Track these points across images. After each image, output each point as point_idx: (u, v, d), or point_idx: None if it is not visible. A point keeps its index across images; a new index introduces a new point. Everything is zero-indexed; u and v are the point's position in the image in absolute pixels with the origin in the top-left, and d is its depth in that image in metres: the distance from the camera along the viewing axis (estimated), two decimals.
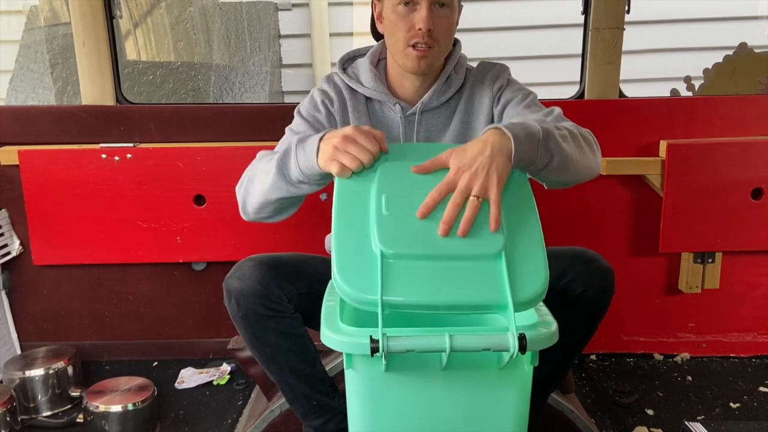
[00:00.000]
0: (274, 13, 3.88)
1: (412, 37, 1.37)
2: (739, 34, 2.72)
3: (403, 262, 1.05)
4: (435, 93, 1.47)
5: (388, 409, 1.10)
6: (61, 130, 2.22)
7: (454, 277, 1.04)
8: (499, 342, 0.99)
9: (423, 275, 1.04)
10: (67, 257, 2.25)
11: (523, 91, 1.48)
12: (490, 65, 1.53)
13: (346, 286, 1.03)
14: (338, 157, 1.17)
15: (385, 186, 1.14)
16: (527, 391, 1.11)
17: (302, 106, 1.53)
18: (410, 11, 1.36)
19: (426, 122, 1.49)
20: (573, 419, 1.67)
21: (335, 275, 1.04)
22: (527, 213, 1.14)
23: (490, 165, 1.12)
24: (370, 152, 1.17)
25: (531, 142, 1.16)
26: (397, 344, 0.98)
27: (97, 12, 2.16)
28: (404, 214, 1.10)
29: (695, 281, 2.28)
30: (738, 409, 2.00)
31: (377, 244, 1.06)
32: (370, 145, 1.17)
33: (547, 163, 1.20)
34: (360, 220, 1.11)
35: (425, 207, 1.10)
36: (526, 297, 1.03)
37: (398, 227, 1.08)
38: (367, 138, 1.18)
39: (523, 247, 1.09)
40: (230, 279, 1.34)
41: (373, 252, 1.06)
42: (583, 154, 1.28)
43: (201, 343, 2.37)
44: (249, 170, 1.40)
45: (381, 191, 1.13)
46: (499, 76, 1.50)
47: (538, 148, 1.17)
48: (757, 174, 2.19)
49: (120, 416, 1.82)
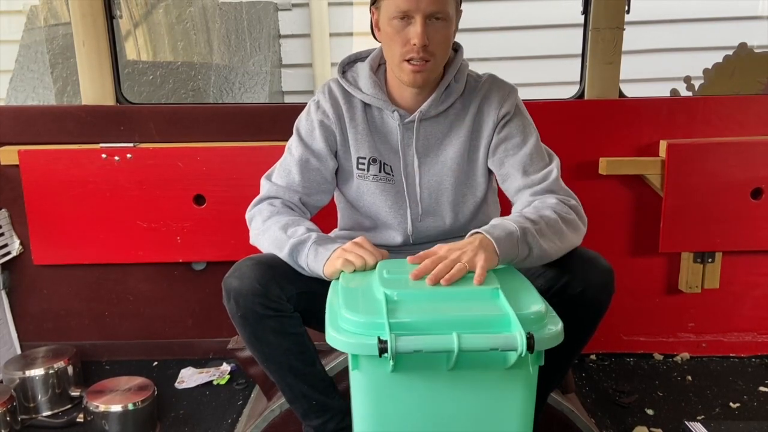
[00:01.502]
0: (274, 13, 3.87)
1: (408, 52, 1.37)
2: (739, 34, 2.72)
3: (407, 299, 1.11)
4: (434, 102, 1.47)
5: (394, 410, 1.10)
6: (61, 130, 2.22)
7: (456, 304, 1.09)
8: (507, 341, 1.00)
9: (426, 303, 1.10)
10: (67, 257, 2.25)
11: (525, 131, 1.48)
12: (500, 83, 1.52)
13: (352, 316, 1.06)
14: (344, 255, 1.29)
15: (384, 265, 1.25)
16: (532, 391, 1.12)
17: (301, 124, 1.54)
18: (405, 25, 1.36)
19: (424, 130, 1.49)
20: (573, 419, 1.67)
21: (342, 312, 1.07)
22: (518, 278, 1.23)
23: (478, 250, 1.21)
24: (374, 256, 1.29)
25: (510, 239, 1.25)
26: (406, 344, 0.99)
27: (97, 12, 2.16)
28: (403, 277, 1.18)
29: (695, 281, 2.28)
30: (738, 409, 2.00)
31: (381, 289, 1.12)
32: (376, 253, 1.30)
33: (527, 255, 1.27)
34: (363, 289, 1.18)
35: (418, 271, 1.18)
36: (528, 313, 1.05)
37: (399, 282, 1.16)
38: (373, 247, 1.31)
39: (518, 290, 1.16)
40: (229, 278, 1.34)
41: (377, 298, 1.11)
42: (563, 238, 1.33)
43: (201, 343, 2.37)
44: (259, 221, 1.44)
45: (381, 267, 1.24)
46: (506, 99, 1.49)
47: (518, 244, 1.25)
48: (757, 174, 2.19)
49: (120, 416, 1.82)
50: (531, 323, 1.03)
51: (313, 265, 1.32)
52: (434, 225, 1.53)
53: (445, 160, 1.50)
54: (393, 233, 1.53)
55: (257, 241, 1.45)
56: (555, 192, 1.42)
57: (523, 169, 1.45)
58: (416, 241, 1.53)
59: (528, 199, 1.42)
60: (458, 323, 1.03)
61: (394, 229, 1.53)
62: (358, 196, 1.53)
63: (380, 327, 1.01)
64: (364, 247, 1.30)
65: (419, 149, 1.49)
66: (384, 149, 1.50)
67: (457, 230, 1.53)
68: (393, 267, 1.23)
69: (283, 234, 1.37)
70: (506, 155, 1.47)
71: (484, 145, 1.50)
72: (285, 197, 1.48)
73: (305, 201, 1.50)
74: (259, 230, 1.44)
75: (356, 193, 1.53)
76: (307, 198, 1.50)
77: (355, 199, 1.54)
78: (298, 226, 1.38)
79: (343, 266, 1.28)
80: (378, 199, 1.51)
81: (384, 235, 1.54)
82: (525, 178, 1.44)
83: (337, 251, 1.30)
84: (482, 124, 1.50)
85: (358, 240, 1.32)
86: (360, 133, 1.50)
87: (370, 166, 1.50)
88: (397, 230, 1.53)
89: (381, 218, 1.53)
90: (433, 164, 1.50)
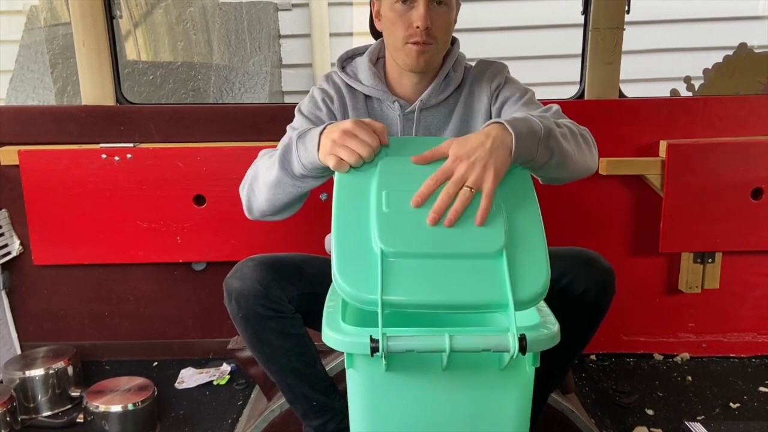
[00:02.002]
0: (274, 13, 3.87)
1: (411, 36, 1.37)
2: (739, 34, 2.72)
3: (404, 261, 1.04)
4: (434, 91, 1.47)
5: (389, 409, 1.10)
6: (61, 130, 2.22)
7: (454, 276, 1.04)
8: (499, 343, 0.99)
9: (423, 274, 1.04)
10: (67, 257, 2.25)
11: (520, 89, 1.48)
12: (488, 63, 1.53)
13: (346, 285, 1.02)
14: (336, 151, 1.16)
15: (386, 182, 1.14)
16: (529, 392, 1.11)
17: (303, 105, 1.53)
18: (408, 9, 1.36)
19: (425, 120, 1.49)
20: (573, 419, 1.67)
21: (335, 274, 1.04)
22: (529, 209, 1.14)
23: (489, 157, 1.11)
24: (369, 146, 1.16)
25: (532, 138, 1.16)
26: (397, 344, 0.98)
27: (97, 12, 2.16)
28: (405, 211, 1.10)
29: (695, 281, 2.28)
30: (738, 409, 2.00)
31: (377, 242, 1.06)
32: (370, 139, 1.16)
33: (546, 161, 1.20)
34: (360, 218, 1.10)
35: (419, 195, 1.10)
36: (527, 296, 1.02)
37: (399, 225, 1.08)
38: (366, 131, 1.17)
39: (524, 246, 1.08)
40: (230, 279, 1.34)
41: (373, 250, 1.05)
42: (582, 152, 1.29)
43: (201, 343, 2.37)
44: (251, 169, 1.40)
45: (381, 187, 1.13)
46: (497, 74, 1.50)
47: (539, 145, 1.17)
48: (757, 174, 2.19)
49: (120, 416, 1.82)
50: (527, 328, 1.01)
51: (308, 158, 1.22)
52: None
53: None
54: None
55: (252, 189, 1.37)
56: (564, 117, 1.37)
57: (527, 108, 1.40)
58: None
59: None
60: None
61: None
62: None
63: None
64: (357, 135, 1.16)
65: None
66: None
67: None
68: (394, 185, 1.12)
69: (268, 160, 1.31)
70: (507, 113, 1.44)
71: (480, 121, 1.47)
72: None
73: None
74: (250, 178, 1.37)
75: None
76: None
77: None
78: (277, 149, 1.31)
79: (337, 167, 1.16)
80: None
81: None
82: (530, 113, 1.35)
83: (327, 145, 1.18)
84: (474, 102, 1.49)
85: (347, 126, 1.17)
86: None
87: None
88: None
89: None
90: None
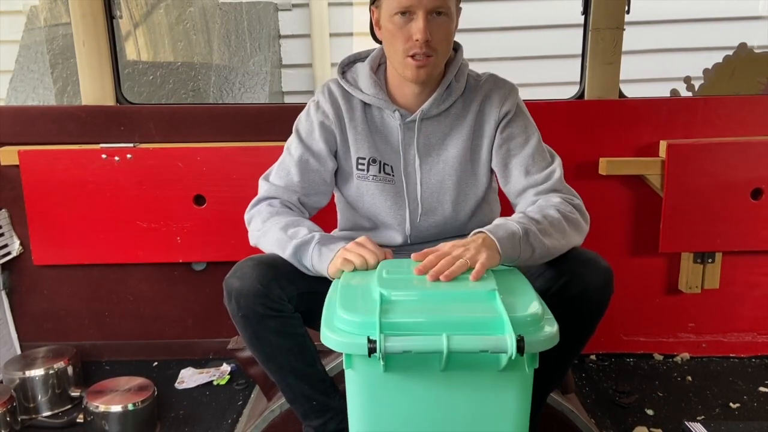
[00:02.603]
0: (274, 13, 3.88)
1: (410, 48, 1.36)
2: (739, 34, 2.72)
3: (402, 298, 1.11)
4: (435, 101, 1.47)
5: (388, 410, 1.10)
6: (61, 130, 2.22)
7: (451, 305, 1.09)
8: (496, 344, 0.99)
9: (421, 304, 1.10)
10: (67, 257, 2.25)
11: (528, 130, 1.49)
12: (501, 82, 1.52)
13: (346, 315, 1.05)
14: (344, 254, 1.29)
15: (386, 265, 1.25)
16: (528, 392, 1.11)
17: (300, 124, 1.54)
18: (407, 21, 1.35)
19: (425, 130, 1.49)
20: (573, 419, 1.67)
21: (337, 311, 1.07)
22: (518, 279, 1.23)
23: (481, 248, 1.22)
24: (375, 255, 1.28)
25: (513, 239, 1.25)
26: (395, 345, 0.99)
27: (97, 12, 2.16)
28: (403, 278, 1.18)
29: (695, 281, 2.28)
30: (738, 409, 2.00)
31: (377, 289, 1.11)
32: (378, 252, 1.29)
33: (530, 256, 1.28)
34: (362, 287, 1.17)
35: (422, 266, 1.19)
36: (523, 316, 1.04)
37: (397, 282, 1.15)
38: (375, 247, 1.31)
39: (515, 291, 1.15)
40: (230, 279, 1.34)
41: (373, 298, 1.11)
42: (566, 237, 1.34)
43: (201, 343, 2.37)
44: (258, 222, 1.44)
45: (382, 266, 1.24)
46: (507, 98, 1.49)
47: (520, 244, 1.26)
48: (757, 174, 2.19)
49: (120, 416, 1.82)
50: (525, 325, 1.02)
51: (318, 265, 1.32)
52: (434, 224, 1.53)
53: (447, 159, 1.50)
54: (393, 233, 1.53)
55: (258, 243, 1.45)
56: (558, 191, 1.42)
57: (526, 170, 1.45)
58: (415, 241, 1.53)
59: (531, 199, 1.42)
60: (450, 324, 1.02)
61: (393, 229, 1.53)
62: (358, 196, 1.53)
63: (372, 327, 1.01)
64: (366, 246, 1.30)
65: (420, 149, 1.49)
66: (384, 149, 1.50)
67: (456, 229, 1.53)
68: (394, 267, 1.23)
69: (284, 234, 1.37)
70: (509, 155, 1.47)
71: (487, 144, 1.50)
72: (283, 197, 1.48)
73: (304, 201, 1.50)
74: (259, 231, 1.43)
75: (356, 194, 1.53)
76: (305, 198, 1.50)
77: (355, 200, 1.54)
78: (299, 227, 1.38)
79: (342, 265, 1.28)
80: (378, 200, 1.51)
81: (384, 235, 1.54)
82: (528, 178, 1.44)
83: (340, 251, 1.30)
84: (484, 123, 1.50)
85: (360, 240, 1.32)
86: (360, 134, 1.49)
87: (369, 166, 1.50)
88: (396, 230, 1.53)
89: (380, 219, 1.53)
90: (435, 163, 1.50)
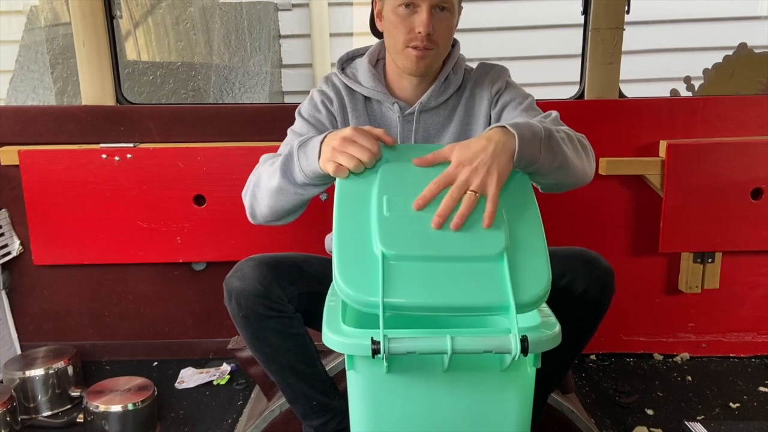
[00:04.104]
0: (274, 13, 3.87)
1: (411, 40, 1.37)
2: (739, 34, 2.72)
3: (405, 264, 1.04)
4: (433, 93, 1.47)
5: (390, 411, 1.10)
6: (61, 130, 2.22)
7: (455, 279, 1.04)
8: (500, 344, 0.99)
9: (424, 277, 1.04)
10: (67, 257, 2.25)
11: (521, 95, 1.48)
12: (490, 66, 1.53)
13: (347, 288, 1.02)
14: (336, 157, 1.17)
15: (386, 186, 1.15)
16: (530, 393, 1.11)
17: (302, 107, 1.54)
18: (411, 13, 1.36)
19: (424, 122, 1.49)
20: (573, 419, 1.67)
21: (336, 277, 1.04)
22: (529, 213, 1.15)
23: (492, 162, 1.12)
24: (369, 151, 1.17)
25: (534, 140, 1.17)
26: (398, 346, 0.98)
27: (97, 12, 2.16)
28: (406, 215, 1.10)
29: (695, 281, 2.28)
30: (738, 409, 2.00)
31: (378, 245, 1.06)
32: (370, 144, 1.17)
33: (548, 163, 1.21)
34: (361, 222, 1.10)
35: (422, 198, 1.11)
36: (529, 299, 1.03)
37: (400, 228, 1.08)
38: (366, 137, 1.18)
39: (525, 249, 1.08)
40: (231, 279, 1.34)
41: (374, 253, 1.05)
42: (580, 157, 1.30)
43: (201, 343, 2.37)
44: (253, 175, 1.40)
45: (382, 192, 1.13)
46: (498, 78, 1.50)
47: (541, 147, 1.18)
48: (757, 174, 2.19)
49: (120, 416, 1.82)
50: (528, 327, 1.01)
51: (310, 167, 1.23)
52: None
53: None
54: None
55: (253, 194, 1.37)
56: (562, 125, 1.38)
57: (527, 114, 1.41)
58: None
59: None
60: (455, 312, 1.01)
61: None
62: None
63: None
64: (357, 141, 1.17)
65: (418, 140, 1.49)
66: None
67: None
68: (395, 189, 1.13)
69: (270, 167, 1.32)
70: (507, 118, 1.44)
71: (483, 124, 1.48)
72: None
73: None
74: (252, 185, 1.38)
75: None
76: None
77: None
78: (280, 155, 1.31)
79: (336, 173, 1.17)
80: None
81: None
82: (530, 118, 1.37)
83: (327, 152, 1.18)
84: (475, 105, 1.49)
85: (347, 134, 1.18)
86: (361, 125, 1.49)
87: None
88: None
89: None
90: None
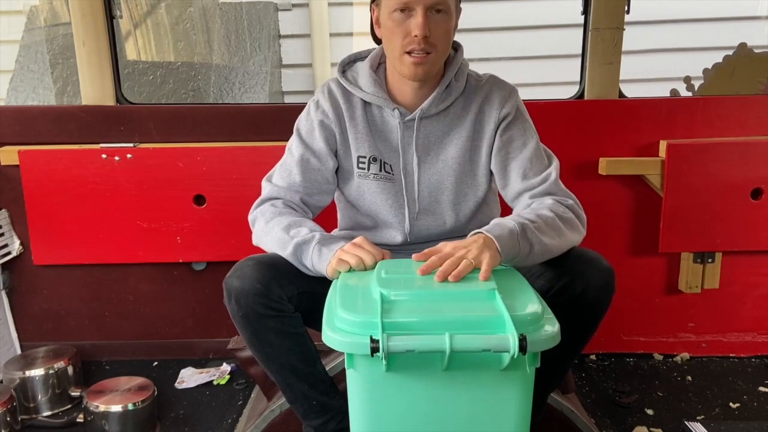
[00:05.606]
0: (274, 13, 3.87)
1: (408, 44, 1.37)
2: (739, 34, 2.72)
3: (402, 299, 1.10)
4: (435, 100, 1.47)
5: (390, 409, 1.10)
6: (61, 130, 2.22)
7: (452, 304, 1.09)
8: (499, 343, 0.99)
9: (422, 305, 1.09)
10: (67, 257, 2.25)
11: (527, 133, 1.49)
12: (501, 84, 1.52)
13: (346, 315, 1.05)
14: (341, 255, 1.29)
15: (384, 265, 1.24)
16: (529, 392, 1.11)
17: (301, 123, 1.55)
18: (406, 17, 1.36)
19: (425, 128, 1.49)
20: (573, 419, 1.67)
21: (338, 312, 1.06)
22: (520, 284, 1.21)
23: (483, 248, 1.22)
24: (372, 256, 1.28)
25: (511, 237, 1.26)
26: (398, 344, 0.99)
27: (97, 12, 2.16)
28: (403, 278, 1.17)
29: (695, 281, 2.28)
30: (738, 409, 2.00)
31: (377, 289, 1.11)
32: (375, 251, 1.29)
33: (528, 252, 1.28)
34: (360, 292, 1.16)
35: (426, 266, 1.19)
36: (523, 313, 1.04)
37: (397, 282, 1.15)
38: (373, 246, 1.30)
39: (515, 292, 1.14)
40: (230, 278, 1.34)
41: (373, 299, 1.10)
42: (562, 235, 1.34)
43: (201, 343, 2.37)
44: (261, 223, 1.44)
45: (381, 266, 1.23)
46: (508, 100, 1.49)
47: (519, 241, 1.26)
48: (757, 174, 2.19)
49: (120, 416, 1.82)
50: (526, 324, 1.02)
51: (318, 265, 1.32)
52: (434, 224, 1.53)
53: (446, 159, 1.50)
54: (393, 232, 1.53)
55: (261, 242, 1.45)
56: (553, 194, 1.43)
57: (523, 174, 1.46)
58: (414, 240, 1.53)
59: (527, 202, 1.43)
60: (452, 323, 1.02)
61: (394, 228, 1.53)
62: (359, 195, 1.53)
63: (374, 326, 1.01)
64: (363, 246, 1.30)
65: (419, 147, 1.49)
66: (384, 148, 1.50)
67: (457, 230, 1.53)
68: (393, 267, 1.23)
69: (285, 234, 1.37)
70: (507, 158, 1.48)
71: (486, 146, 1.50)
72: (286, 198, 1.48)
73: (306, 201, 1.50)
74: (262, 231, 1.44)
75: (357, 193, 1.54)
76: (308, 198, 1.50)
77: (356, 199, 1.55)
78: (300, 227, 1.39)
79: (338, 265, 1.28)
80: (378, 198, 1.52)
81: (384, 234, 1.54)
82: (525, 181, 1.45)
83: (337, 251, 1.30)
84: (483, 124, 1.50)
85: (357, 240, 1.32)
86: (360, 132, 1.50)
87: (370, 165, 1.50)
88: (397, 229, 1.53)
89: (381, 217, 1.53)
90: (434, 163, 1.50)
